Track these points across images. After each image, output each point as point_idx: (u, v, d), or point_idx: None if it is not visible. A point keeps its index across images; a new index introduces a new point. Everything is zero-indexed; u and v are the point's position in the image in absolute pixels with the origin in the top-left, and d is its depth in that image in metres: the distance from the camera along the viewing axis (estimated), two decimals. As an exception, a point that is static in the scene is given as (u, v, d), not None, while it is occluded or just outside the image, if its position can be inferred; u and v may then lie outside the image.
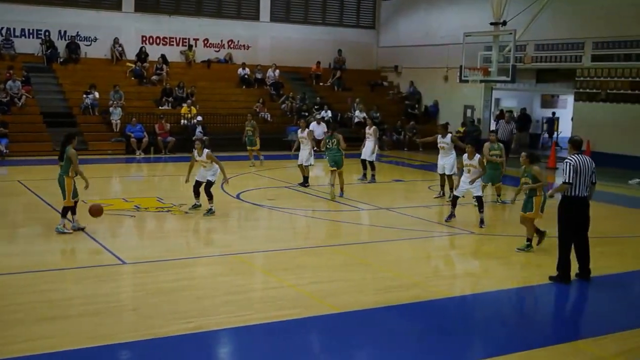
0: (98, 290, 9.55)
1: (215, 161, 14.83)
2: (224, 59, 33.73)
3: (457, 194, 14.80)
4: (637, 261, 12.29)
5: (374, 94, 35.16)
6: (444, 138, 17.29)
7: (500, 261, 12.06)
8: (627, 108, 25.52)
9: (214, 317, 8.58)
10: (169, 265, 11.04)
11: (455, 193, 14.94)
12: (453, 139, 17.42)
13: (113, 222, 14.17)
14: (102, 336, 7.82)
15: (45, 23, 29.63)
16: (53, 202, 15.54)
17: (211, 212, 14.68)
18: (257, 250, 12.38)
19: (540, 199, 12.09)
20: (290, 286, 9.99)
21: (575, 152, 10.53)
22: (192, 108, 28.31)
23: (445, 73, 32.37)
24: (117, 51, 30.96)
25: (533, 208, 12.09)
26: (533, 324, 9.12)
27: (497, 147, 17.06)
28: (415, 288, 10.20)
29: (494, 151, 16.95)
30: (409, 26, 35.22)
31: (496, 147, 17.03)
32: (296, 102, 31.31)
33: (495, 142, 17.25)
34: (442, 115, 32.98)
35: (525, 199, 12.36)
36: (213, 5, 33.70)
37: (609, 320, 9.24)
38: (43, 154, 23.75)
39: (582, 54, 26.84)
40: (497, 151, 16.97)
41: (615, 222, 15.94)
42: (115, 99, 27.32)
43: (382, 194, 18.81)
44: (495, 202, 17.20)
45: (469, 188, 14.46)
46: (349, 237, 13.91)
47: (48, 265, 10.70)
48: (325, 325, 8.62)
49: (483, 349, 8.19)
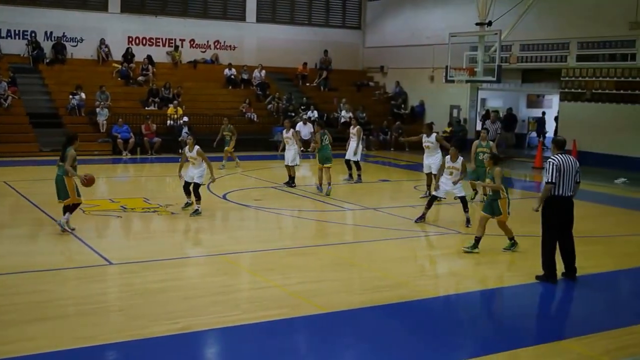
0: (85, 291, 9.52)
1: (204, 159, 14.89)
2: (210, 60, 33.68)
3: (436, 194, 14.80)
4: (622, 260, 12.36)
5: (360, 94, 35.21)
6: (428, 137, 17.31)
7: (487, 260, 12.08)
8: (612, 108, 25.67)
9: (201, 318, 8.57)
10: (156, 266, 11.02)
11: (434, 193, 14.86)
12: (438, 139, 17.45)
13: (99, 222, 14.14)
14: (89, 337, 7.79)
15: (32, 24, 29.49)
16: (39, 203, 15.49)
17: (197, 213, 14.68)
18: (244, 250, 12.37)
19: (506, 201, 12.01)
20: (277, 286, 9.99)
21: (559, 152, 10.57)
22: (179, 109, 28.26)
23: (431, 73, 32.50)
24: (104, 52, 30.86)
25: (500, 211, 12.02)
26: (519, 324, 9.14)
27: (485, 144, 16.99)
28: (402, 288, 10.22)
29: (481, 149, 16.85)
30: (395, 27, 35.29)
31: (484, 145, 16.93)
32: (282, 103, 31.31)
33: (485, 140, 17.18)
34: (428, 116, 33.06)
35: (488, 200, 12.35)
36: (199, 6, 33.64)
37: (595, 320, 9.30)
38: (29, 155, 23.66)
39: (567, 54, 26.99)
40: (485, 149, 16.77)
41: (601, 221, 16.04)
42: (101, 100, 27.23)
43: (368, 194, 18.84)
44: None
45: (451, 190, 14.48)
46: (335, 237, 13.92)
47: (34, 267, 10.64)
48: (312, 325, 8.63)
49: (469, 349, 8.20)
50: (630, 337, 8.49)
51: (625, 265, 12.09)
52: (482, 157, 16.57)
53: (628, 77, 25.12)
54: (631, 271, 11.87)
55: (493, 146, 17.12)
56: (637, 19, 24.20)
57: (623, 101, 25.30)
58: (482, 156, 16.54)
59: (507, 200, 12.09)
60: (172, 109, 28.20)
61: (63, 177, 12.76)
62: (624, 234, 14.74)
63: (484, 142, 17.07)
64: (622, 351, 8.00)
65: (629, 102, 25.12)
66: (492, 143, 17.38)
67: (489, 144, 17.11)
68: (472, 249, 12.12)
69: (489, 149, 16.73)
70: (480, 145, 16.99)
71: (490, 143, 17.28)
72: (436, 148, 17.25)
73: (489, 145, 17.00)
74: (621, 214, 17.43)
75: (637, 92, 24.82)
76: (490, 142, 17.36)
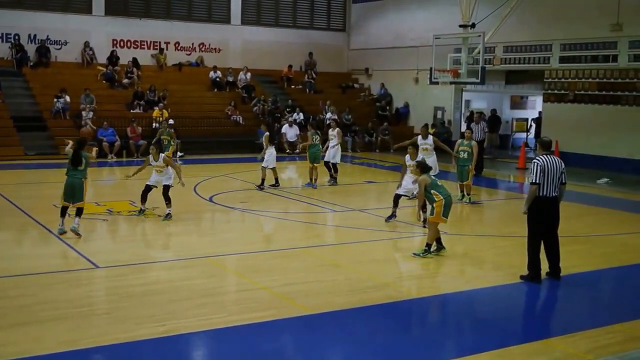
0: (70, 295, 9.50)
1: (171, 164, 14.78)
2: (195, 62, 33.61)
3: (399, 192, 14.88)
4: (606, 259, 12.46)
5: (345, 96, 35.28)
6: (425, 140, 17.42)
7: (472, 261, 12.18)
8: (594, 109, 25.87)
9: (187, 320, 8.58)
10: (142, 269, 11.02)
11: (397, 191, 14.94)
12: (435, 140, 17.65)
13: (85, 226, 14.07)
14: (74, 341, 7.78)
15: (15, 27, 29.34)
16: (24, 207, 15.44)
17: (169, 217, 14.57)
18: (230, 252, 12.37)
19: (441, 204, 11.85)
20: (263, 288, 10.01)
21: (544, 152, 10.65)
22: (164, 111, 28.21)
23: (415, 75, 32.60)
24: (88, 55, 30.73)
25: (434, 212, 12.03)
26: (505, 323, 9.21)
27: (466, 143, 17.16)
28: (387, 288, 10.26)
29: (462, 147, 17.10)
30: (379, 29, 35.38)
31: (465, 144, 17.13)
32: (268, 105, 31.32)
33: (468, 140, 17.33)
34: (412, 117, 33.21)
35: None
36: (184, 9, 33.58)
37: (579, 318, 9.39)
38: (13, 159, 23.54)
39: (550, 55, 27.18)
40: (466, 147, 17.05)
41: (584, 221, 16.14)
42: (86, 103, 27.14)
43: (354, 196, 18.89)
44: (463, 201, 17.29)
45: (413, 188, 14.42)
46: (321, 238, 13.96)
47: (19, 270, 10.62)
48: (298, 326, 8.65)
49: (455, 349, 8.26)
50: (613, 335, 8.55)
51: (608, 264, 12.19)
52: (462, 155, 16.98)
53: (610, 79, 25.34)
54: (614, 270, 11.96)
55: (474, 145, 17.22)
56: (619, 21, 24.39)
57: (605, 102, 25.51)
58: (463, 154, 16.95)
59: (444, 202, 11.90)
60: (157, 112, 28.15)
61: (82, 181, 12.95)
62: (607, 233, 14.85)
63: (467, 141, 17.26)
64: (606, 349, 8.06)
65: (611, 103, 25.34)
66: (474, 142, 17.42)
67: (470, 142, 17.24)
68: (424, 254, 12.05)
69: (470, 147, 17.00)
70: (462, 144, 17.24)
71: (473, 142, 17.35)
72: (433, 149, 17.37)
73: (470, 144, 17.14)
74: (604, 213, 17.55)
75: (619, 93, 25.05)
76: (473, 142, 17.42)
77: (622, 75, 24.99)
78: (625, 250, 13.23)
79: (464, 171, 17.12)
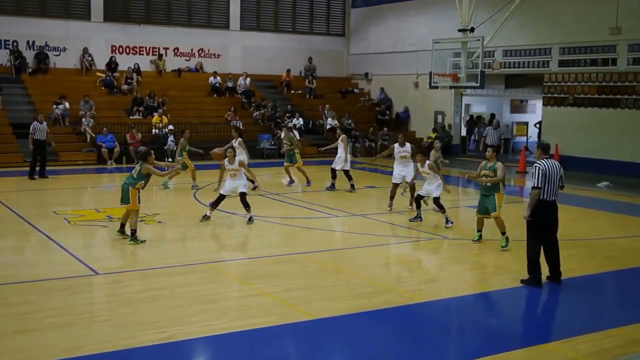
0: (70, 302, 9.48)
1: (246, 168, 15.56)
2: (194, 68, 33.65)
3: (421, 193, 15.31)
4: (606, 263, 12.45)
5: (345, 101, 35.31)
6: (403, 147, 17.15)
7: (473, 265, 12.18)
8: (594, 112, 25.90)
9: (188, 327, 8.56)
10: (142, 275, 11.00)
11: (419, 192, 15.44)
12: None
13: (85, 232, 14.09)
14: (74, 348, 7.77)
15: (13, 33, 29.37)
16: (24, 214, 15.43)
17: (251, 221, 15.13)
18: (231, 258, 12.37)
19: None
20: (265, 294, 9.99)
21: (545, 156, 10.66)
22: (163, 117, 28.23)
23: (415, 79, 32.63)
24: (87, 61, 30.75)
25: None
26: (505, 327, 9.22)
27: (490, 166, 13.04)
28: (389, 293, 10.25)
29: (485, 171, 13.09)
30: (379, 33, 35.43)
31: (487, 167, 13.09)
32: (268, 110, 31.33)
33: (492, 161, 13.07)
34: (413, 122, 33.22)
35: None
36: (183, 15, 33.62)
37: (580, 322, 9.39)
38: (13, 166, 23.53)
39: (550, 59, 27.20)
40: (488, 172, 13.03)
41: (584, 224, 16.14)
42: (85, 109, 27.16)
43: (355, 201, 18.86)
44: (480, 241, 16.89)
45: (432, 190, 14.97)
46: (322, 244, 13.93)
47: (19, 278, 10.61)
48: (300, 332, 8.64)
49: (456, 353, 8.27)
50: (614, 338, 8.55)
51: (609, 267, 12.18)
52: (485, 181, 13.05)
53: (609, 82, 25.36)
54: (615, 274, 11.96)
55: (500, 167, 12.91)
56: (617, 24, 24.43)
57: (605, 105, 25.54)
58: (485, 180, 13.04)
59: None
60: (157, 118, 28.17)
61: (129, 186, 13.08)
62: (607, 236, 14.85)
63: (490, 163, 13.07)
64: (607, 353, 8.06)
65: (610, 106, 25.36)
66: (499, 164, 12.97)
67: (495, 165, 12.95)
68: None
69: (494, 172, 12.94)
70: (484, 167, 13.17)
71: (498, 164, 12.96)
72: (410, 157, 17.09)
73: (494, 167, 12.96)
74: (605, 216, 17.54)
75: (619, 96, 25.07)
76: (498, 163, 12.98)
77: (621, 79, 25.02)
78: (626, 253, 13.22)
79: (488, 201, 13.14)
